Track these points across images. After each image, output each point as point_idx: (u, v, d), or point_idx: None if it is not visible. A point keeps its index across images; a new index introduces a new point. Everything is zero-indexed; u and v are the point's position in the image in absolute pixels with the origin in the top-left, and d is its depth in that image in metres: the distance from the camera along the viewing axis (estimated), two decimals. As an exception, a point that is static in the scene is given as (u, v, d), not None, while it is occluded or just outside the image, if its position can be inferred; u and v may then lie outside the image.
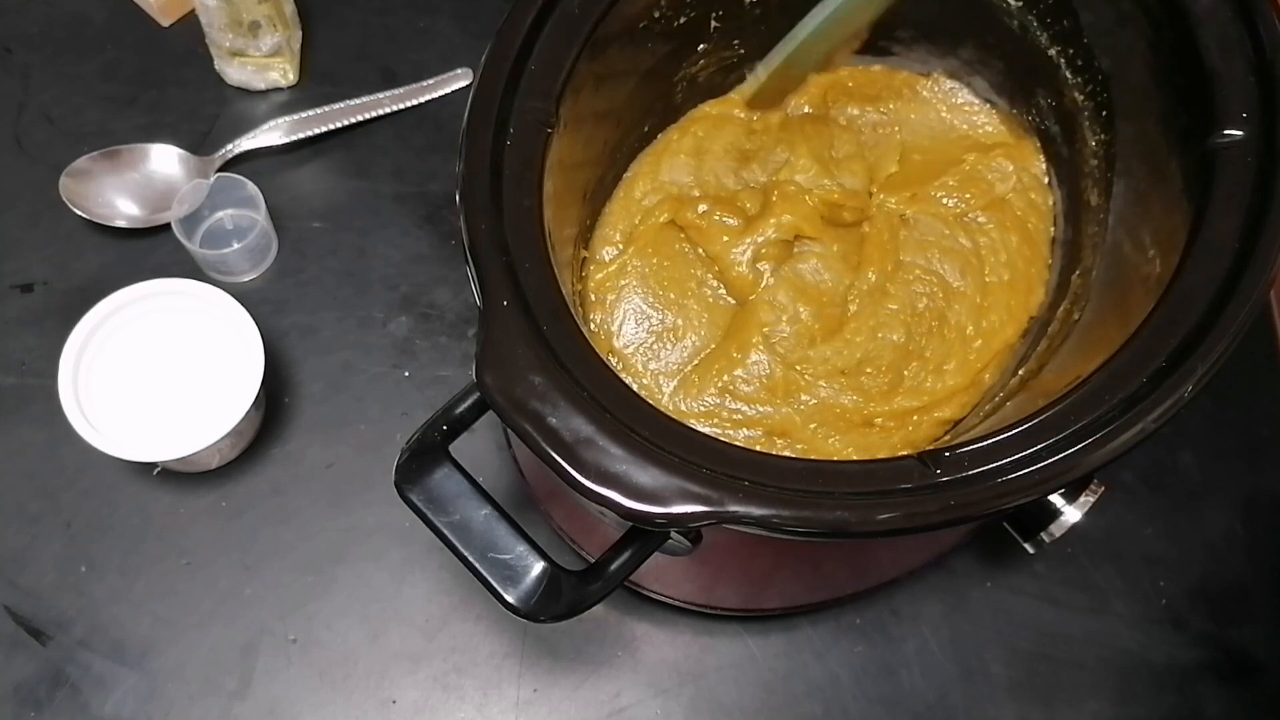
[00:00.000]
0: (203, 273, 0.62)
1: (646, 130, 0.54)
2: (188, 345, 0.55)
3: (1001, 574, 0.57)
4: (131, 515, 0.57)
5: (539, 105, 0.41)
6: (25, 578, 0.56)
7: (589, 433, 0.35)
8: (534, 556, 0.37)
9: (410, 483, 0.38)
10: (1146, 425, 0.35)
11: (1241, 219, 0.38)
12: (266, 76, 0.67)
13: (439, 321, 0.62)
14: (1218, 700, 0.55)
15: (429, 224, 0.64)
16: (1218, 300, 0.37)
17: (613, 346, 0.51)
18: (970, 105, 0.55)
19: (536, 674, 0.55)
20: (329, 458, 0.59)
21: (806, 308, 0.50)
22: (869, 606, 0.56)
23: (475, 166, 0.39)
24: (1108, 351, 0.38)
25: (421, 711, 0.54)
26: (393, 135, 0.67)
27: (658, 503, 0.34)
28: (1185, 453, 0.60)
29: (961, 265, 0.52)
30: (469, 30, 0.70)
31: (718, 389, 0.49)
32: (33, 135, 0.66)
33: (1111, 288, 0.46)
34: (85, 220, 0.62)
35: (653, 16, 0.48)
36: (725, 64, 0.54)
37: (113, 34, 0.69)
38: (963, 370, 0.50)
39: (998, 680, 0.55)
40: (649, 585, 0.54)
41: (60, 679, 0.54)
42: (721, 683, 0.55)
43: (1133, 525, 0.58)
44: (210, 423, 0.52)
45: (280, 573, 0.56)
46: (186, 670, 0.54)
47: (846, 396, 0.49)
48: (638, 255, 0.52)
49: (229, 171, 0.63)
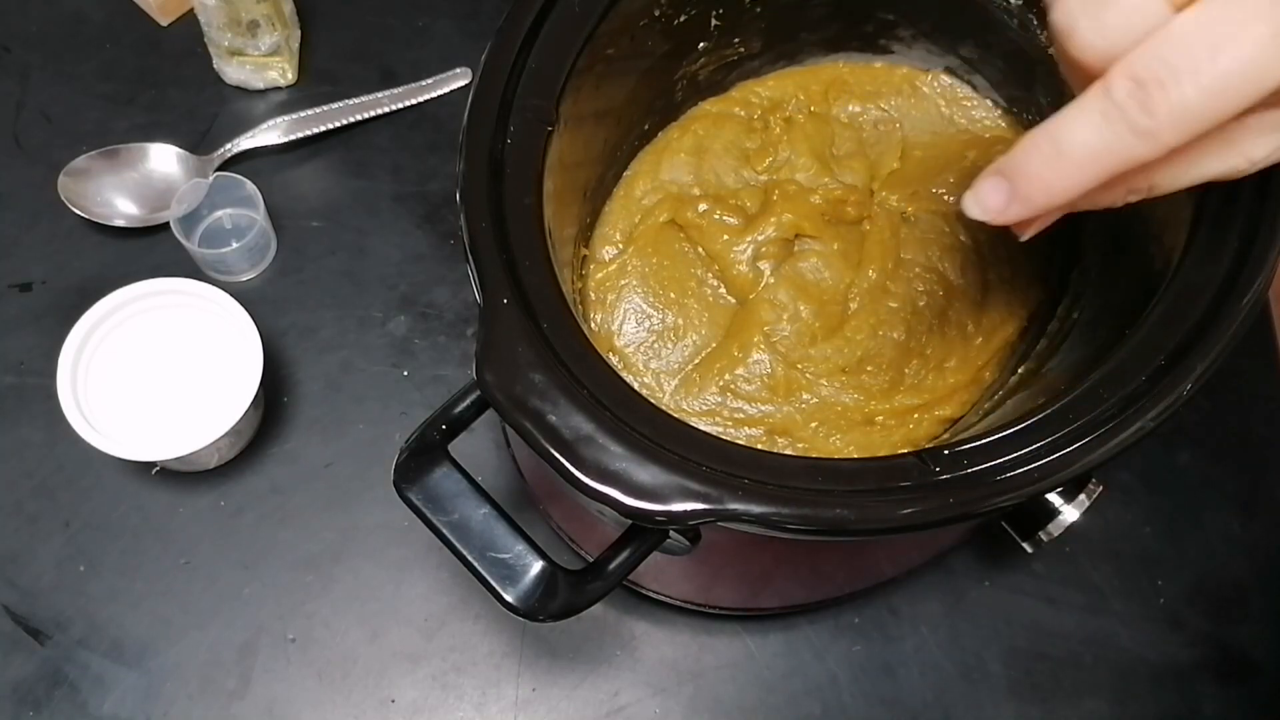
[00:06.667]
0: (201, 272, 0.62)
1: (647, 129, 0.54)
2: (186, 344, 0.55)
3: (1000, 573, 0.57)
4: (130, 515, 0.57)
5: (539, 104, 0.41)
6: (24, 577, 0.56)
7: (589, 430, 0.35)
8: (533, 556, 0.37)
9: (409, 482, 0.38)
10: (1145, 424, 0.35)
11: (1241, 218, 0.38)
12: (265, 76, 0.67)
13: (438, 321, 0.62)
14: (1215, 699, 0.55)
15: (428, 223, 0.64)
16: (1217, 299, 0.37)
17: (613, 345, 0.51)
18: (970, 100, 0.55)
19: (535, 673, 0.55)
20: (328, 457, 0.59)
21: (807, 306, 0.50)
22: (867, 606, 0.56)
23: (475, 165, 0.39)
24: (1107, 349, 0.38)
25: (420, 710, 0.54)
26: (392, 135, 0.67)
27: (657, 500, 0.34)
28: (1184, 452, 0.60)
29: (962, 262, 0.52)
30: (468, 30, 0.70)
31: (719, 388, 0.49)
32: (31, 134, 0.66)
33: (1111, 285, 0.46)
34: (84, 219, 0.62)
35: (653, 15, 0.48)
36: (725, 62, 0.54)
37: (111, 33, 0.69)
38: (963, 368, 0.50)
39: (996, 679, 0.55)
40: (648, 584, 0.54)
41: (59, 678, 0.54)
42: (720, 682, 0.55)
43: (1131, 525, 0.58)
44: (209, 422, 0.52)
45: (279, 572, 0.56)
46: (185, 669, 0.54)
47: (847, 395, 0.49)
48: (638, 254, 0.52)
49: (228, 171, 0.63)
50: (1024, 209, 0.32)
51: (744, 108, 0.55)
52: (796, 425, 0.49)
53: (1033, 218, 0.33)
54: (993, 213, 0.32)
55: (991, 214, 0.32)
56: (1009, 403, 0.47)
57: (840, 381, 0.50)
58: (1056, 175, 0.30)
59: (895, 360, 0.50)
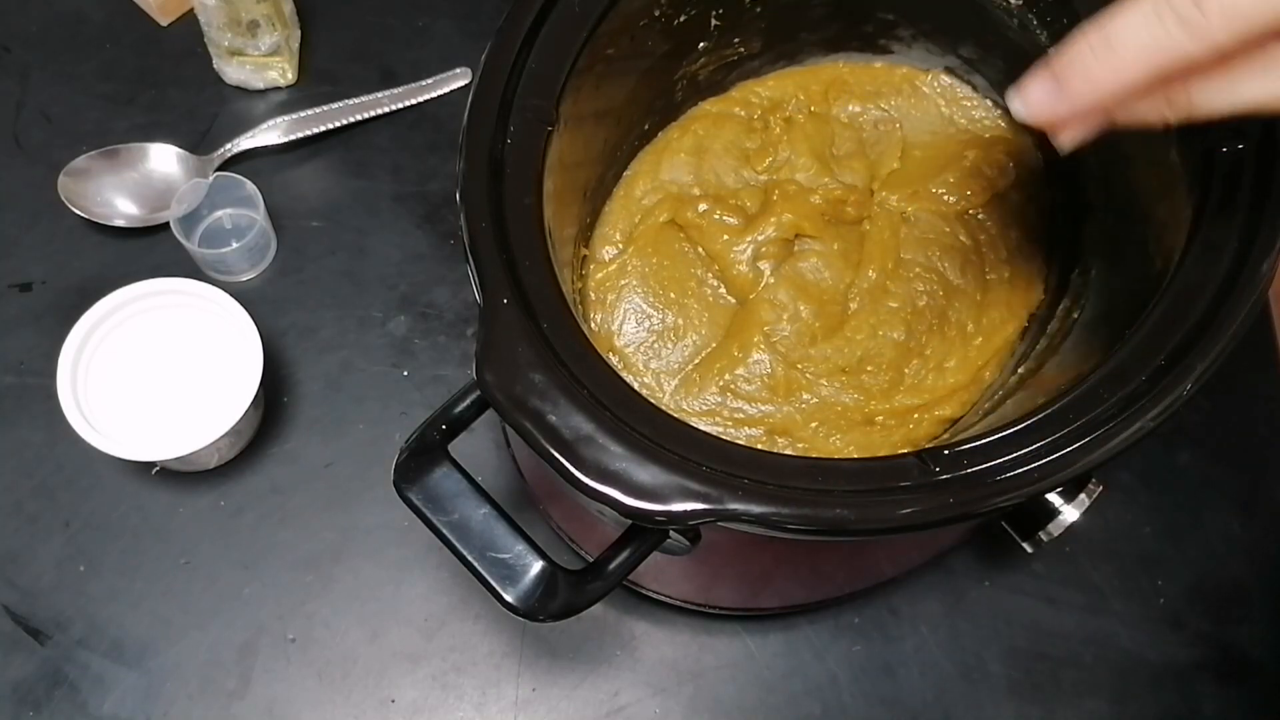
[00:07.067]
0: (201, 272, 0.62)
1: (647, 129, 0.54)
2: (186, 344, 0.55)
3: (1000, 573, 0.57)
4: (130, 514, 0.57)
5: (539, 103, 0.41)
6: (24, 577, 0.56)
7: (589, 430, 0.35)
8: (533, 556, 0.37)
9: (409, 482, 0.38)
10: (1145, 423, 0.35)
11: (1241, 217, 0.38)
12: (265, 76, 0.67)
13: (438, 321, 0.62)
14: (1215, 699, 0.55)
15: (428, 223, 0.64)
16: (1217, 298, 0.37)
17: (613, 345, 0.51)
18: (970, 100, 0.55)
19: (535, 673, 0.55)
20: (328, 457, 0.59)
21: (807, 306, 0.50)
22: (867, 605, 0.56)
23: (475, 165, 0.39)
24: (1107, 349, 0.38)
25: (420, 710, 0.54)
26: (391, 135, 0.67)
27: (657, 500, 0.34)
28: (1184, 452, 0.60)
29: (962, 262, 0.52)
30: (468, 30, 0.70)
31: (719, 388, 0.49)
32: (31, 134, 0.66)
33: (1111, 285, 0.46)
34: (84, 219, 0.62)
35: (653, 15, 0.48)
36: (725, 62, 0.54)
37: (111, 33, 0.69)
38: (963, 368, 0.50)
39: (996, 679, 0.55)
40: (648, 584, 0.54)
41: (59, 678, 0.54)
42: (720, 682, 0.55)
43: (1131, 525, 0.58)
44: (209, 422, 0.52)
45: (279, 572, 0.56)
46: (185, 669, 0.54)
47: (847, 395, 0.49)
48: (638, 255, 0.52)
49: (228, 171, 0.63)
50: (1070, 106, 0.32)
51: (744, 108, 0.55)
52: (796, 425, 0.49)
53: (1074, 119, 0.33)
54: (1038, 109, 0.33)
55: (1037, 110, 0.33)
56: (1009, 403, 0.47)
57: (840, 381, 0.50)
58: (1104, 69, 0.31)
59: (895, 360, 0.50)
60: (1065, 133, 0.35)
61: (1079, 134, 0.34)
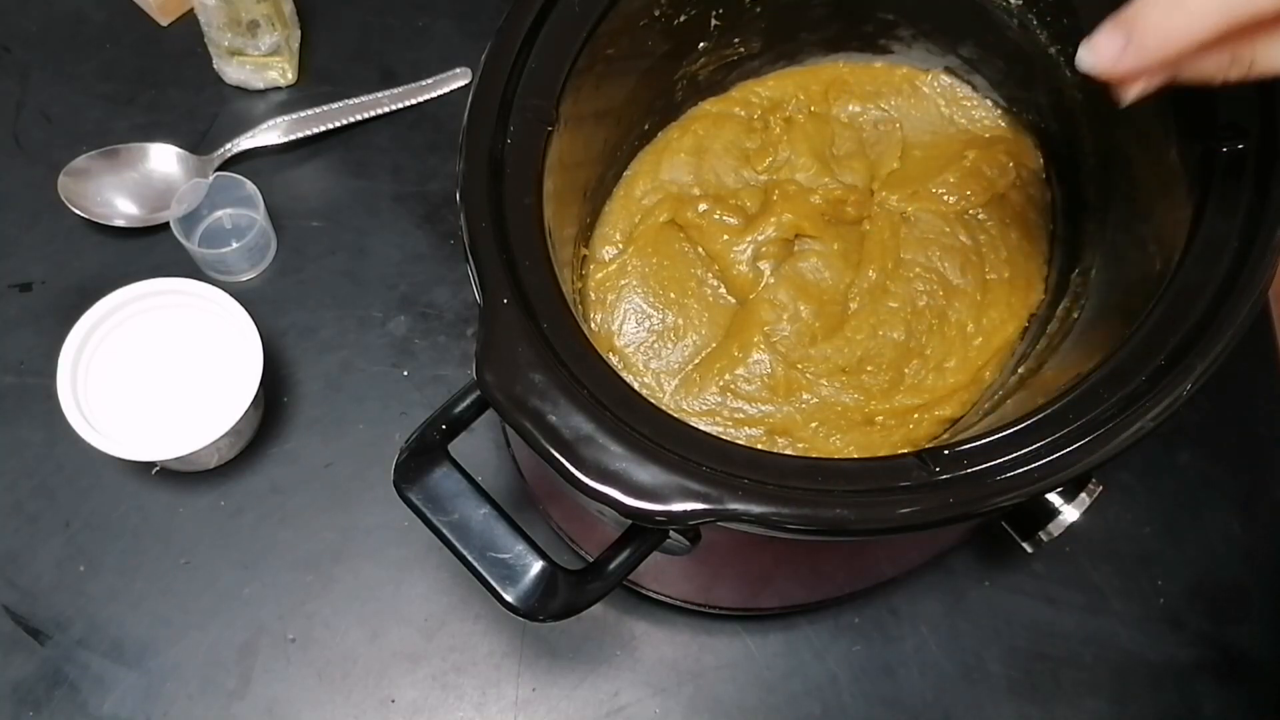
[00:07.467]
0: (201, 272, 0.62)
1: (647, 129, 0.54)
2: (186, 344, 0.55)
3: (1000, 573, 0.57)
4: (130, 514, 0.57)
5: (539, 103, 0.41)
6: (24, 577, 0.56)
7: (589, 430, 0.35)
8: (533, 556, 0.37)
9: (409, 482, 0.38)
10: (1145, 424, 0.35)
11: (1241, 217, 0.38)
12: (265, 76, 0.67)
13: (438, 321, 0.62)
14: (1215, 699, 0.55)
15: (428, 223, 0.64)
16: (1217, 298, 0.37)
17: (614, 345, 0.51)
18: (970, 100, 0.55)
19: (535, 673, 0.55)
20: (328, 457, 0.59)
21: (807, 306, 0.50)
22: (867, 606, 0.56)
23: (475, 165, 0.40)
24: (1107, 349, 0.38)
25: (420, 710, 0.54)
26: (391, 135, 0.67)
27: (657, 500, 0.34)
28: (1184, 452, 0.60)
29: (962, 262, 0.52)
30: (468, 30, 0.70)
31: (719, 388, 0.49)
32: (31, 134, 0.66)
33: (1111, 285, 0.46)
34: (84, 219, 0.62)
35: (653, 15, 0.48)
36: (725, 62, 0.54)
37: (111, 33, 0.69)
38: (963, 368, 0.50)
39: (996, 679, 0.55)
40: (648, 584, 0.54)
41: (59, 678, 0.54)
42: (720, 682, 0.55)
43: (1131, 525, 0.58)
44: (209, 422, 0.52)
45: (279, 572, 0.56)
46: (185, 669, 0.54)
47: (848, 395, 0.49)
48: (638, 255, 0.52)
49: (228, 171, 0.63)
50: (1138, 59, 0.32)
51: (744, 108, 0.55)
52: (796, 425, 0.49)
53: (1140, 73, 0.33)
54: (1107, 61, 0.33)
55: (1105, 63, 0.33)
56: (1009, 403, 0.47)
57: (840, 381, 0.50)
58: (1174, 22, 0.31)
59: (895, 360, 0.50)
60: (1131, 87, 0.34)
61: (1143, 88, 0.34)
